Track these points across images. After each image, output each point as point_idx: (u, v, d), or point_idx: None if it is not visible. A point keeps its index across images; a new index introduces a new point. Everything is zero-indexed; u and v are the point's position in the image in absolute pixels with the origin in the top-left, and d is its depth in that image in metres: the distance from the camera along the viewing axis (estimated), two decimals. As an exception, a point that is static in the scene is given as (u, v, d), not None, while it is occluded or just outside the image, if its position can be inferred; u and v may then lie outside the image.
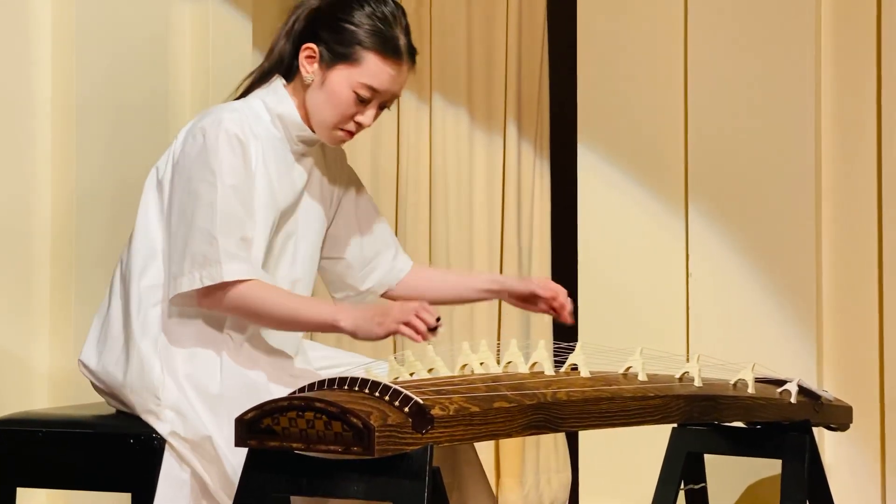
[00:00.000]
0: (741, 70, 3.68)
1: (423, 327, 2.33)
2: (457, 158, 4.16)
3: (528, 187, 4.14)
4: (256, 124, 2.54)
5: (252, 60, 4.01)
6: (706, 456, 3.16)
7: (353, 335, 2.41)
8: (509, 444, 4.08)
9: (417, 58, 2.61)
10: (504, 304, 4.12)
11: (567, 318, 2.72)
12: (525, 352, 2.46)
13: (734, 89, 3.69)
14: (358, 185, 2.78)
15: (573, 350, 2.47)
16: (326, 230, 2.72)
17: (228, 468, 2.40)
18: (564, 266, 4.07)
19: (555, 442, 4.13)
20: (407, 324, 2.34)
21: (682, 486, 3.13)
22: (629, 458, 3.71)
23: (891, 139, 3.57)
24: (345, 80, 2.52)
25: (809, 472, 2.84)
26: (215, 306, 2.45)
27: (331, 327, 2.41)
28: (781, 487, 2.89)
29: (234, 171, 2.45)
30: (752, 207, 3.67)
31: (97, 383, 2.59)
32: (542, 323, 4.12)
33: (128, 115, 3.45)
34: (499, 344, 2.64)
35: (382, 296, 2.82)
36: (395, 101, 2.61)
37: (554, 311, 2.72)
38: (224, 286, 2.42)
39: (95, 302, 3.25)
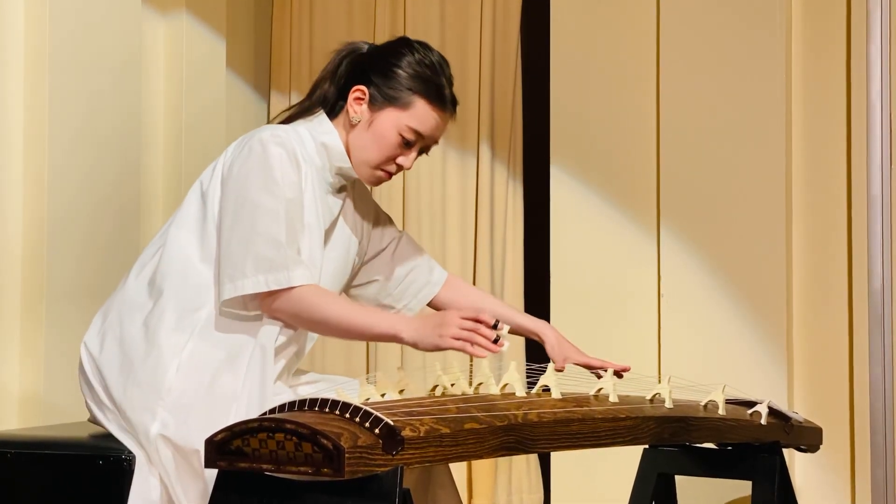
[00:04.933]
0: (712, 93, 3.71)
1: (485, 342, 2.38)
2: (430, 179, 4.16)
3: (501, 208, 4.15)
4: (302, 148, 2.60)
5: (225, 81, 4.02)
6: (677, 477, 3.17)
7: (415, 346, 2.46)
8: (481, 466, 4.08)
9: None
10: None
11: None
12: (496, 373, 2.47)
13: (706, 112, 3.71)
14: (382, 216, 2.86)
15: (545, 371, 2.47)
16: (360, 263, 2.79)
17: (208, 486, 2.39)
18: (537, 287, 4.07)
19: (527, 463, 4.13)
20: (468, 340, 2.39)
21: (653, 508, 3.13)
22: (600, 480, 3.71)
23: (860, 162, 3.59)
24: (392, 122, 2.61)
25: (779, 493, 2.85)
26: (276, 310, 2.49)
27: (391, 338, 2.47)
28: (752, 508, 2.90)
29: (292, 186, 2.52)
30: (723, 229, 3.69)
31: (90, 371, 2.57)
32: (514, 345, 4.12)
33: (100, 137, 3.44)
34: (471, 365, 2.64)
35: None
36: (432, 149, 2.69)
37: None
38: (288, 290, 2.46)
39: (66, 324, 3.25)
